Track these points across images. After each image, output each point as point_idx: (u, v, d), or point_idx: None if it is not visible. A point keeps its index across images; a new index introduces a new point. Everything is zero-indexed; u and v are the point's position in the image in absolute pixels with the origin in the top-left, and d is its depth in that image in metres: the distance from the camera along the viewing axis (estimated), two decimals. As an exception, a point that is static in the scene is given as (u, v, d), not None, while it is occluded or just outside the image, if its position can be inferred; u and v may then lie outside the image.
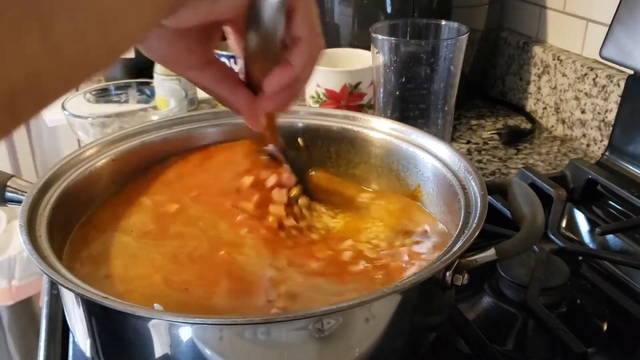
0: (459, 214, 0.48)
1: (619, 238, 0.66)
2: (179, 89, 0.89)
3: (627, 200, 0.67)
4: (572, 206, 0.71)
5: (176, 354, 0.39)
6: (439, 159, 0.56)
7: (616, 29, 0.75)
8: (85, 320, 0.43)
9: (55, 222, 0.47)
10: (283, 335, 0.38)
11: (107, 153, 0.57)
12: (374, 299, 0.38)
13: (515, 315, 0.57)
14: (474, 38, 0.93)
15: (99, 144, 0.57)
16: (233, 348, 0.39)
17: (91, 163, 0.55)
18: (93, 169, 0.55)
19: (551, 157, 0.89)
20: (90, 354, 0.44)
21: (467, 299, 0.59)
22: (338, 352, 0.40)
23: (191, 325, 0.38)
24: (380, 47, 0.76)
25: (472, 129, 0.98)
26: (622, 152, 0.76)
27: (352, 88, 0.85)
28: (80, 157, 0.55)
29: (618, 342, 0.55)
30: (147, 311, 0.39)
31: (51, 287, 0.61)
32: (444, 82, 0.76)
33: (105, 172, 0.56)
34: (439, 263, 0.41)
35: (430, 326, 0.47)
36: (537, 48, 1.00)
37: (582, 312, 0.59)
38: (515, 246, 0.45)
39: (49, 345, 0.55)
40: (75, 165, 0.54)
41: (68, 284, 0.39)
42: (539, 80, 1.00)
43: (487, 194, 0.49)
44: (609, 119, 0.85)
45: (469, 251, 0.43)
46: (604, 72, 0.86)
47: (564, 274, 0.59)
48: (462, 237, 0.44)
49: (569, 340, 0.49)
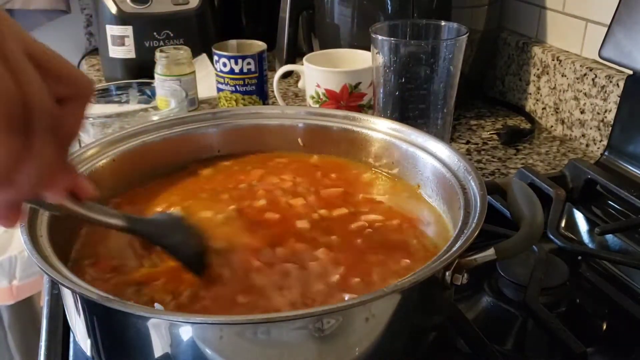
0: (459, 214, 0.48)
1: (618, 238, 0.66)
2: (180, 89, 0.89)
3: (626, 200, 0.67)
4: (572, 206, 0.71)
5: (176, 353, 0.39)
6: (439, 159, 0.56)
7: (615, 29, 0.75)
8: (86, 320, 0.43)
9: (57, 222, 0.47)
10: (283, 334, 0.38)
11: (108, 153, 0.57)
12: (373, 298, 0.38)
13: (515, 315, 0.57)
14: (474, 38, 0.93)
15: (99, 144, 0.58)
16: (233, 347, 0.39)
17: (92, 163, 0.56)
18: (94, 169, 0.55)
19: (550, 157, 0.89)
20: (90, 354, 0.45)
21: (467, 298, 0.59)
22: (338, 351, 0.40)
23: (191, 325, 0.38)
24: (380, 47, 0.76)
25: (471, 129, 0.98)
26: (622, 152, 0.76)
27: (352, 88, 0.85)
28: (81, 157, 0.56)
29: (617, 342, 0.55)
30: (147, 311, 0.39)
31: (52, 287, 0.61)
32: (443, 82, 0.76)
33: (106, 172, 0.56)
34: (438, 263, 0.41)
35: (430, 326, 0.47)
36: (536, 48, 1.00)
37: (581, 312, 0.59)
38: (515, 246, 0.45)
39: (49, 345, 0.55)
40: (76, 165, 0.54)
41: (68, 284, 0.39)
42: (539, 81, 1.00)
43: (486, 194, 0.49)
44: (608, 119, 0.85)
45: (468, 251, 0.43)
46: (603, 73, 0.86)
47: (563, 273, 0.59)
48: (462, 236, 0.44)
49: (569, 340, 0.49)
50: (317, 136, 0.64)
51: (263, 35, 1.06)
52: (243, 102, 0.98)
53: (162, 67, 0.99)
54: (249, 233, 0.52)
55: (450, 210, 0.54)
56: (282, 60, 1.07)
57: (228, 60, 0.95)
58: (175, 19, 1.13)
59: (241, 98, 0.97)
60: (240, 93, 0.97)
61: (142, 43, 1.12)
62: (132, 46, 1.12)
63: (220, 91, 0.99)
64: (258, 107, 0.73)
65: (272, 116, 0.65)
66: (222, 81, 0.97)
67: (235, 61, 0.95)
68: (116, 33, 1.12)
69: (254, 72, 0.96)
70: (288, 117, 0.65)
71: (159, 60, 0.99)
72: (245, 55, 0.95)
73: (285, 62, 1.05)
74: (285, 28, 1.04)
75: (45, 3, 1.50)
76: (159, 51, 1.00)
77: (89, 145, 0.57)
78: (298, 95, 1.11)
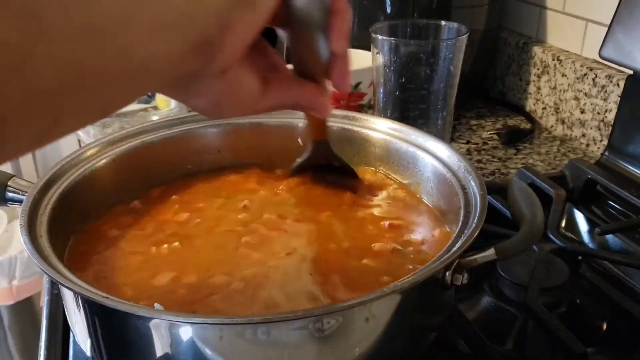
0: (459, 214, 0.48)
1: (618, 238, 0.66)
2: (179, 89, 0.89)
3: (626, 200, 0.67)
4: (572, 206, 0.71)
5: (176, 353, 0.39)
6: (439, 159, 0.56)
7: (616, 29, 0.75)
8: (86, 320, 0.43)
9: (56, 222, 0.47)
10: (283, 335, 0.38)
11: (108, 153, 0.57)
12: (373, 298, 0.38)
13: (515, 315, 0.57)
14: (474, 38, 0.93)
15: (99, 144, 0.58)
16: (233, 348, 0.39)
17: (92, 163, 0.56)
18: (94, 169, 0.55)
19: (551, 157, 0.89)
20: (90, 354, 0.45)
21: (467, 299, 0.59)
22: (338, 352, 0.40)
23: (191, 325, 0.38)
24: (380, 47, 0.76)
25: (471, 129, 0.98)
26: (622, 152, 0.76)
27: (352, 88, 0.85)
28: (81, 157, 0.55)
29: (618, 342, 0.55)
30: (147, 311, 0.39)
31: (52, 287, 0.61)
32: (443, 82, 0.76)
33: (106, 172, 0.56)
34: (438, 263, 0.41)
35: (430, 326, 0.47)
36: (536, 48, 1.00)
37: (581, 312, 0.59)
38: (515, 246, 0.45)
39: (49, 345, 0.55)
40: (76, 165, 0.54)
41: (68, 284, 0.39)
42: (539, 81, 1.00)
43: (486, 193, 0.49)
44: (609, 119, 0.85)
45: (468, 251, 0.43)
46: (604, 72, 0.86)
47: (563, 273, 0.59)
48: (462, 236, 0.44)
49: (569, 340, 0.49)
50: (317, 136, 0.64)
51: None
52: (243, 102, 0.97)
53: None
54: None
55: (450, 211, 0.54)
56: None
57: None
58: (175, 19, 1.13)
59: (241, 98, 0.97)
60: (240, 93, 0.97)
61: (142, 43, 1.12)
62: (132, 46, 1.12)
63: (220, 91, 0.98)
64: (258, 107, 0.73)
65: (272, 116, 0.65)
66: (222, 81, 0.97)
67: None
68: (116, 33, 1.12)
69: (254, 72, 0.96)
70: (288, 117, 0.65)
71: (159, 60, 0.99)
72: (245, 55, 0.95)
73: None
74: (285, 28, 1.04)
75: (45, 3, 1.49)
76: (159, 51, 1.00)
77: (89, 145, 0.57)
78: (298, 95, 1.11)
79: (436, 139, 0.58)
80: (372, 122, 0.62)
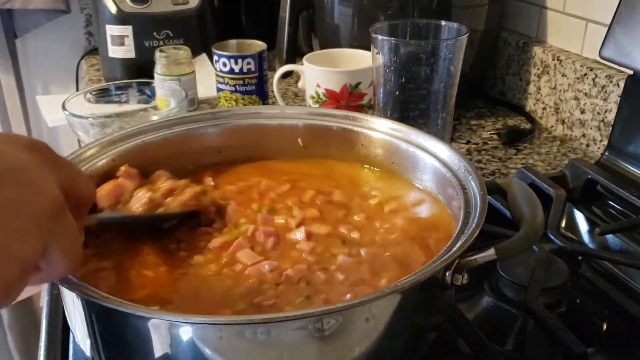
0: (459, 214, 0.48)
1: (618, 238, 0.66)
2: (179, 89, 0.89)
3: (626, 200, 0.67)
4: (572, 206, 0.71)
5: (176, 353, 0.39)
6: (439, 159, 0.56)
7: (616, 29, 0.75)
8: (86, 320, 0.43)
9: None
10: (283, 335, 0.38)
11: (108, 153, 0.57)
12: (373, 298, 0.38)
13: (515, 315, 0.57)
14: (474, 38, 0.93)
15: (99, 144, 0.57)
16: (233, 348, 0.39)
17: (92, 163, 0.56)
18: (93, 169, 0.55)
19: (551, 157, 0.89)
20: (90, 354, 0.45)
21: (467, 299, 0.59)
22: (338, 352, 0.40)
23: (191, 325, 0.38)
24: (380, 47, 0.76)
25: (471, 129, 0.98)
26: (622, 152, 0.76)
27: (352, 88, 0.85)
28: (81, 157, 0.55)
29: (618, 342, 0.55)
30: (147, 311, 0.39)
31: (52, 287, 0.61)
32: (443, 82, 0.76)
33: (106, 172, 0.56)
34: (438, 263, 0.41)
35: (430, 326, 0.47)
36: (536, 48, 1.00)
37: (581, 312, 0.59)
38: (515, 246, 0.45)
39: (49, 345, 0.55)
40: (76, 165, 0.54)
41: (68, 284, 0.39)
42: (539, 81, 1.00)
43: (486, 194, 0.49)
44: (609, 119, 0.85)
45: (468, 251, 0.43)
46: (604, 73, 0.86)
47: (563, 273, 0.59)
48: (462, 237, 0.44)
49: (569, 340, 0.49)
50: (317, 136, 0.64)
51: (263, 35, 1.06)
52: (243, 102, 0.98)
53: (162, 67, 0.99)
54: None
55: (450, 211, 0.54)
56: (282, 60, 1.07)
57: (228, 60, 0.95)
58: (175, 19, 1.13)
59: (241, 98, 0.97)
60: (240, 93, 0.97)
61: (141, 43, 1.12)
62: (131, 46, 1.12)
63: (220, 91, 0.98)
64: (258, 107, 0.73)
65: (272, 116, 0.65)
66: (222, 81, 0.97)
67: (235, 61, 0.95)
68: (116, 33, 1.12)
69: (253, 72, 0.96)
70: (288, 117, 0.65)
71: (159, 60, 0.99)
72: (245, 55, 0.95)
73: (285, 62, 1.05)
74: (285, 28, 1.04)
75: (45, 3, 1.50)
76: (159, 51, 1.00)
77: (88, 145, 0.57)
78: (298, 95, 1.11)
79: (436, 139, 0.58)
80: (372, 122, 0.62)
